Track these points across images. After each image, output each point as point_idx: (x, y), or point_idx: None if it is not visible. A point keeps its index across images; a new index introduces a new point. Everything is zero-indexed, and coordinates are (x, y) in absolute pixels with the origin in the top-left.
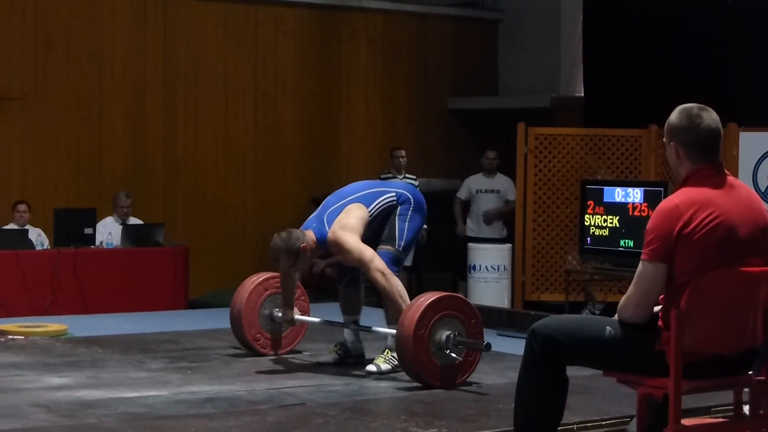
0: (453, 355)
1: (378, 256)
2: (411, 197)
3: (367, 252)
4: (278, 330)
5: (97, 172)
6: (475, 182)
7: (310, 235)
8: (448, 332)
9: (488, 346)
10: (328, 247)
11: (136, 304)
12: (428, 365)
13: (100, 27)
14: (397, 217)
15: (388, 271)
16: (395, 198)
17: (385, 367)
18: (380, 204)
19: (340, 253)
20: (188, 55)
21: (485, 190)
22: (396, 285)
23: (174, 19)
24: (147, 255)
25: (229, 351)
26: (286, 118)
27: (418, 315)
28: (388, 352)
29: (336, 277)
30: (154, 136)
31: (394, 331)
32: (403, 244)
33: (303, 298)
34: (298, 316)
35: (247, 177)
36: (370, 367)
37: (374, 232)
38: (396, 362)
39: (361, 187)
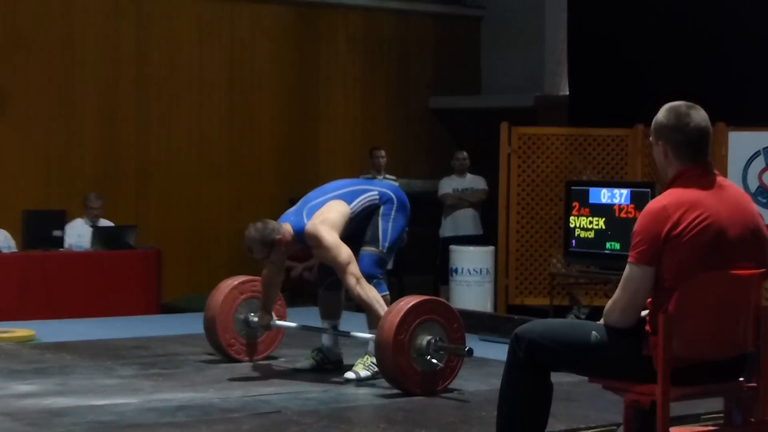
0: (434, 360)
1: (354, 261)
2: (394, 196)
3: (344, 254)
4: (254, 335)
5: (66, 172)
6: (448, 183)
7: (287, 227)
8: (429, 337)
9: (470, 351)
10: (305, 241)
11: (107, 309)
12: (408, 371)
13: (71, 22)
14: (380, 218)
15: (362, 278)
16: (378, 197)
17: (364, 373)
18: (362, 202)
19: (316, 248)
20: (162, 51)
21: (460, 189)
22: (370, 291)
23: (148, 15)
24: (118, 258)
25: (202, 357)
26: (262, 117)
27: (398, 319)
28: (367, 358)
29: (316, 279)
30: (126, 135)
31: (374, 336)
32: (387, 245)
33: (279, 302)
34: (274, 321)
35: (222, 177)
36: (349, 374)
37: (354, 231)
38: (376, 368)
39: (343, 184)
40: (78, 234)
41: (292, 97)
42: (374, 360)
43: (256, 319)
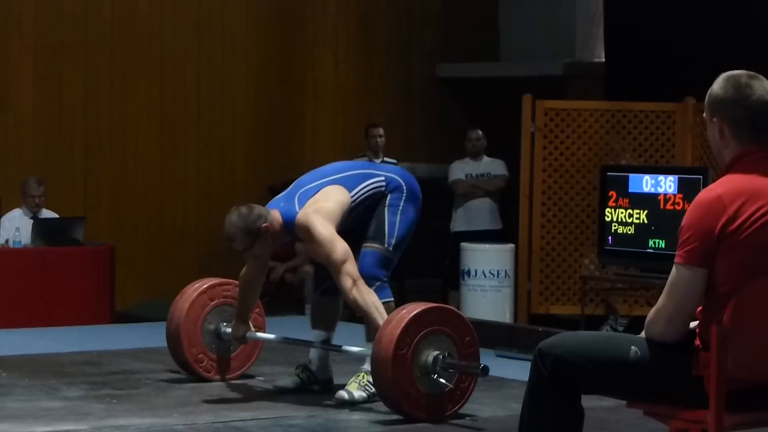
0: (442, 380)
1: (352, 259)
2: (404, 184)
3: (340, 250)
4: (226, 349)
5: (1, 153)
6: (460, 168)
7: (276, 215)
8: (435, 353)
9: (485, 369)
10: (294, 233)
11: (50, 317)
12: (411, 393)
13: None
14: (386, 208)
15: (360, 279)
16: (384, 183)
17: (358, 394)
18: (365, 189)
19: (308, 242)
20: (115, 7)
21: (474, 175)
22: (369, 296)
23: None
24: (63, 256)
25: (164, 375)
26: (236, 88)
27: (398, 332)
28: (363, 376)
29: (312, 281)
30: (71, 109)
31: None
32: (393, 242)
33: (257, 310)
34: (252, 333)
35: (187, 161)
36: (341, 394)
37: (355, 223)
38: (373, 389)
39: (343, 167)
40: (16, 227)
41: (271, 64)
42: (371, 379)
43: (229, 330)
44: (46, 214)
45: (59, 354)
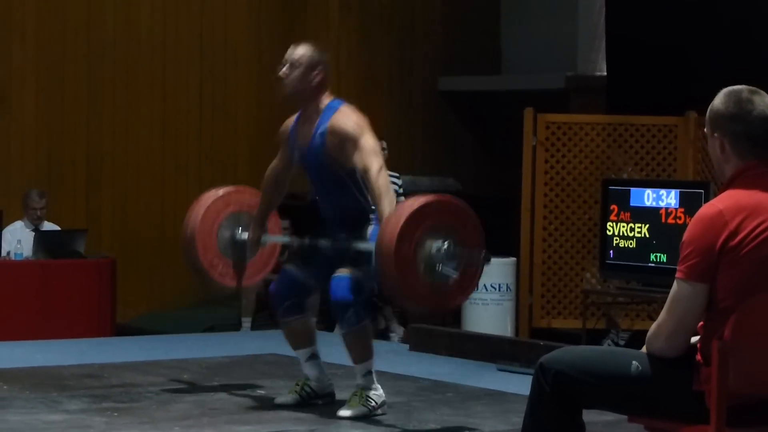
0: (447, 271)
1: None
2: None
3: (374, 141)
4: (242, 256)
5: (3, 164)
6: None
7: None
8: (438, 244)
9: (487, 257)
10: (327, 124)
11: (51, 329)
12: (416, 287)
13: None
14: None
15: (385, 168)
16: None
17: (360, 410)
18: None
19: (344, 139)
20: (117, 19)
21: None
22: (388, 187)
23: None
24: (65, 268)
25: (165, 388)
26: (238, 100)
27: (398, 228)
28: (362, 392)
29: (272, 303)
30: (74, 120)
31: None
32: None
33: (274, 219)
34: (267, 236)
35: (189, 172)
36: (343, 413)
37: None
38: (373, 403)
39: None
40: (17, 239)
41: (273, 75)
42: (371, 393)
43: (245, 236)
44: (48, 226)
45: (60, 366)
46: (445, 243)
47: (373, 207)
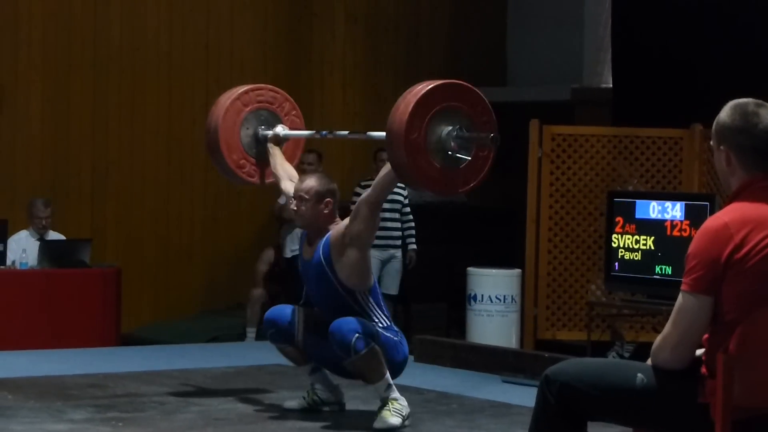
0: (459, 155)
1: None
2: None
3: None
4: (265, 152)
5: (8, 173)
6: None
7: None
8: (448, 128)
9: (495, 139)
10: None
11: (56, 339)
12: (430, 173)
13: None
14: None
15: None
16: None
17: (395, 421)
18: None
19: (341, 229)
20: (123, 29)
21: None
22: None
23: None
24: (70, 278)
25: (170, 398)
26: None
27: (407, 117)
28: (393, 403)
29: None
30: (79, 130)
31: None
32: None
33: (294, 112)
34: (285, 131)
35: (195, 183)
36: (378, 425)
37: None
38: (405, 413)
39: None
40: (22, 248)
41: (279, 85)
42: (398, 405)
43: (268, 132)
44: (53, 235)
45: (65, 376)
46: (455, 127)
47: (377, 325)
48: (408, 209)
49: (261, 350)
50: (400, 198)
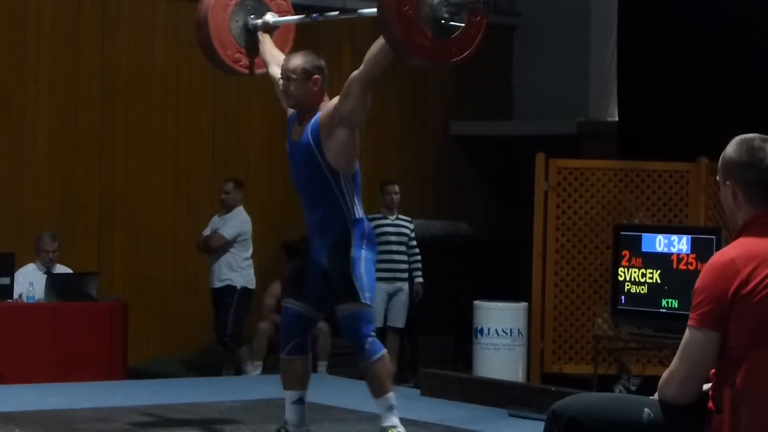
0: (453, 23)
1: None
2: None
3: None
4: (257, 42)
5: (15, 207)
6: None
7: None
8: None
9: (486, 1)
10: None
11: (63, 373)
12: (425, 44)
13: (22, 27)
14: (350, 261)
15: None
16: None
17: None
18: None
19: (330, 108)
20: (131, 62)
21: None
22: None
23: (114, 19)
24: (77, 311)
25: None
26: (251, 143)
27: None
28: (394, 430)
29: (279, 345)
30: (86, 163)
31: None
32: (368, 294)
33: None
34: (274, 19)
35: (201, 215)
36: None
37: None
38: None
39: None
40: (29, 282)
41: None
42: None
43: (258, 21)
44: (60, 269)
45: (72, 410)
46: None
47: (353, 217)
48: (414, 242)
49: (268, 384)
50: (407, 231)
